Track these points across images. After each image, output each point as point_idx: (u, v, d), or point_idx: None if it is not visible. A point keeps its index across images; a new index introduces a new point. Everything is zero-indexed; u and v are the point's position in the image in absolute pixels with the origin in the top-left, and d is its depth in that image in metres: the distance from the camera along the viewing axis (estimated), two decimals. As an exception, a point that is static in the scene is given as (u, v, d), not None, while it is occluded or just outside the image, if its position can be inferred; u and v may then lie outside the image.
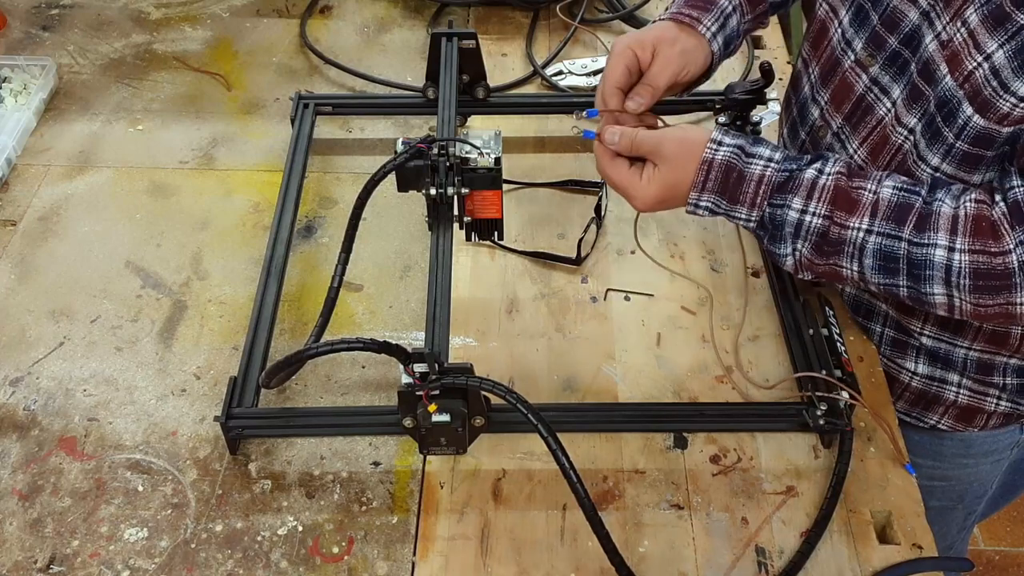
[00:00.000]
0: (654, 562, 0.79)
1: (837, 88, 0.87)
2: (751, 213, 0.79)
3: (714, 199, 0.79)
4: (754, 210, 0.79)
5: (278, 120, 1.21)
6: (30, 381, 0.92)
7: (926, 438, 0.97)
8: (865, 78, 0.84)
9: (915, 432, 0.97)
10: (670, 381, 0.93)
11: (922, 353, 0.92)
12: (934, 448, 0.98)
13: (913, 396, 0.96)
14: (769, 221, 0.79)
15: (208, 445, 0.87)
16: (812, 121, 0.91)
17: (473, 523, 0.82)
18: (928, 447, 0.98)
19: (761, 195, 0.78)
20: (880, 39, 0.82)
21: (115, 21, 1.37)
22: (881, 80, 0.83)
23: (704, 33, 0.88)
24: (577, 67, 1.27)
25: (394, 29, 1.37)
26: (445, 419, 0.80)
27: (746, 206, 0.79)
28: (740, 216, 0.79)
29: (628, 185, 0.82)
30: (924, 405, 0.96)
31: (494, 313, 0.98)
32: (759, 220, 0.79)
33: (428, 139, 0.90)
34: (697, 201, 0.80)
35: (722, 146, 0.78)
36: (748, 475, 0.85)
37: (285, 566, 0.79)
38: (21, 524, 0.81)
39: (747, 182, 0.78)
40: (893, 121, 0.82)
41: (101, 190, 1.12)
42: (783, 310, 0.96)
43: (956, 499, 1.06)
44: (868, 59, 0.83)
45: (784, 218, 0.78)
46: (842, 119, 0.87)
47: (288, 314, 0.98)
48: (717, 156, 0.78)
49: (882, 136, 0.83)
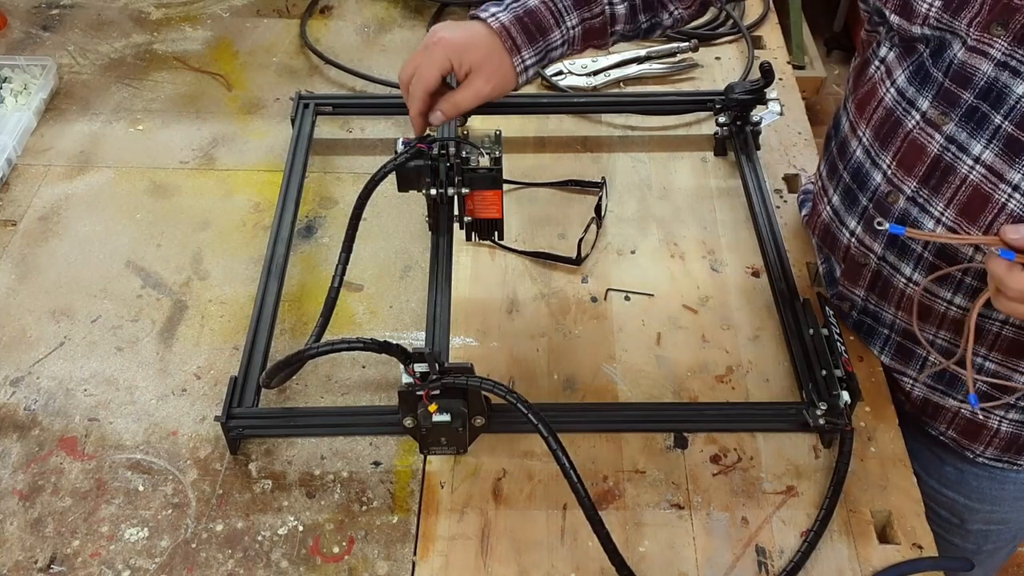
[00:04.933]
0: (654, 562, 0.79)
1: (905, 152, 0.81)
2: None
3: None
4: None
5: (278, 120, 1.21)
6: (30, 381, 0.92)
7: (986, 483, 0.95)
8: (939, 138, 0.78)
9: (973, 477, 0.95)
10: (670, 381, 0.93)
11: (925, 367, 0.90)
12: (994, 492, 0.96)
13: (917, 407, 0.93)
14: None
15: (208, 445, 0.87)
16: (875, 187, 0.85)
17: (473, 523, 0.82)
18: (988, 492, 0.96)
19: None
20: (952, 96, 0.76)
21: (115, 21, 1.37)
22: (958, 138, 0.77)
23: (517, 66, 0.87)
24: (577, 67, 1.27)
25: (394, 29, 1.37)
26: (445, 419, 0.80)
27: None
28: None
29: None
30: (930, 415, 0.93)
31: (494, 313, 0.98)
32: None
33: (428, 139, 0.90)
34: None
35: None
36: (748, 475, 0.85)
37: (285, 566, 0.79)
38: (21, 524, 0.81)
39: None
40: (984, 178, 0.76)
41: (101, 190, 1.12)
42: (783, 310, 0.96)
43: (1010, 540, 1.05)
44: (940, 118, 0.77)
45: None
46: (917, 183, 0.80)
47: (288, 314, 0.98)
48: None
49: (976, 196, 0.76)
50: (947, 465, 0.95)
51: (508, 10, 0.88)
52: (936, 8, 0.75)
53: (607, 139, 1.19)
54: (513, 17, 0.87)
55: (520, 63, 0.88)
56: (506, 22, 0.87)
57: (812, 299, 0.96)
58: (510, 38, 0.87)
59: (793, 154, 1.17)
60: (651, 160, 1.16)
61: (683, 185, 1.13)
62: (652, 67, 1.28)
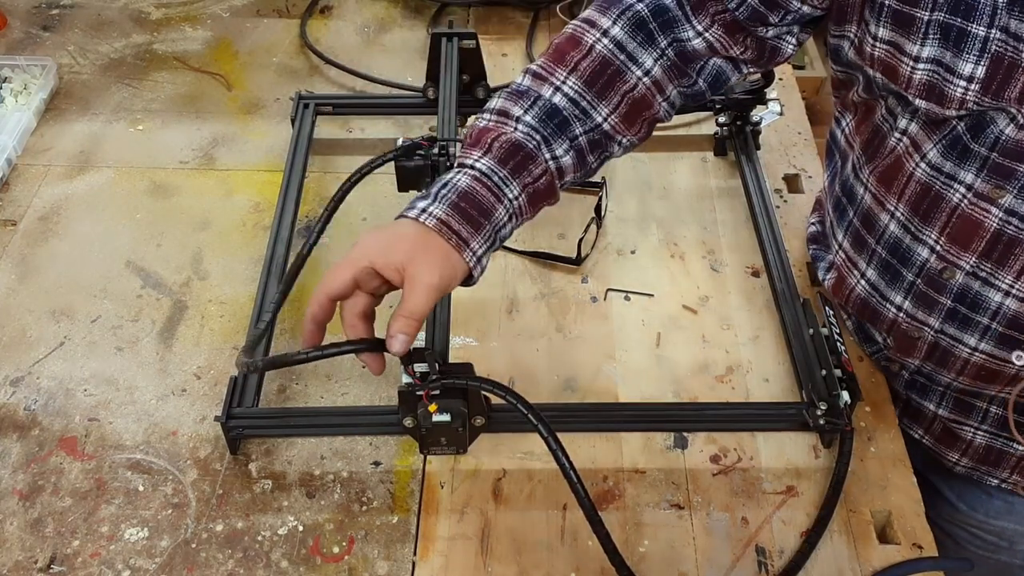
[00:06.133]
0: (654, 562, 0.79)
1: (957, 227, 0.77)
2: None
3: None
4: None
5: (278, 120, 1.21)
6: (30, 381, 0.92)
7: (1020, 506, 0.93)
8: (996, 211, 0.74)
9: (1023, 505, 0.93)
10: (670, 381, 0.93)
11: (988, 417, 0.88)
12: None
13: (979, 453, 0.90)
14: None
15: (208, 445, 0.87)
16: (922, 263, 0.80)
17: (473, 523, 0.82)
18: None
19: None
20: (1006, 169, 0.72)
21: (115, 21, 1.37)
22: (1020, 210, 0.73)
23: (469, 260, 0.72)
24: (577, 67, 1.27)
25: (394, 29, 1.37)
26: (445, 419, 0.80)
27: None
28: None
29: None
30: (991, 462, 0.90)
31: (494, 313, 0.98)
32: None
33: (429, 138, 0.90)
34: None
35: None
36: (748, 475, 0.85)
37: (285, 566, 0.79)
38: (21, 524, 0.81)
39: None
40: None
41: (101, 190, 1.12)
42: (783, 310, 0.96)
43: None
44: (995, 192, 0.73)
45: None
46: (976, 258, 0.77)
47: (288, 314, 0.98)
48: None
49: None
50: (995, 499, 0.94)
51: (439, 200, 0.72)
52: (974, 91, 0.70)
53: (607, 139, 1.19)
54: (448, 207, 0.72)
55: (472, 256, 0.73)
56: (442, 215, 0.71)
57: (812, 299, 0.96)
58: (453, 233, 0.71)
59: (793, 154, 1.17)
60: (651, 160, 1.16)
61: (683, 185, 1.13)
62: (652, 67, 1.28)
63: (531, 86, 0.80)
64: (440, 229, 0.71)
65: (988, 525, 0.96)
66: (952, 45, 0.70)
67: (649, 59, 0.80)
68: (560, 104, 0.78)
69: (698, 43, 0.80)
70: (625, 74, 0.79)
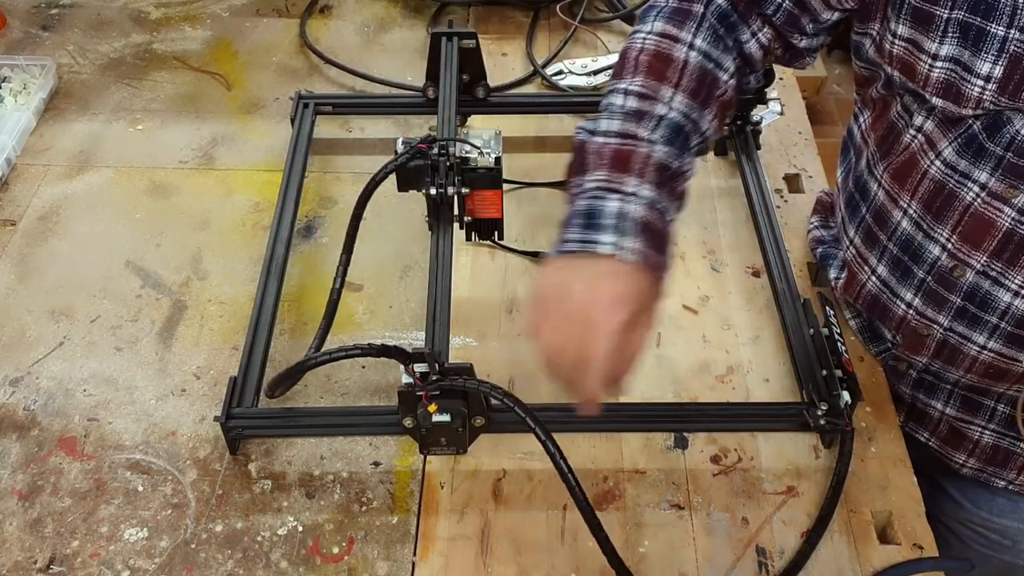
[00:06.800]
0: (654, 562, 0.79)
1: (969, 226, 0.77)
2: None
3: None
4: None
5: (278, 120, 1.21)
6: (30, 381, 0.92)
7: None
8: (1009, 211, 0.74)
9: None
10: (670, 381, 0.92)
11: (995, 416, 0.88)
12: None
13: (986, 453, 0.90)
14: None
15: (208, 445, 0.87)
16: (933, 260, 0.81)
17: (473, 523, 0.81)
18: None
19: None
20: (1020, 169, 0.72)
21: (115, 21, 1.37)
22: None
23: (662, 284, 0.75)
24: (577, 67, 1.27)
25: (394, 29, 1.37)
26: (445, 419, 0.80)
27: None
28: None
29: None
30: (998, 463, 0.90)
31: (494, 313, 0.98)
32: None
33: (428, 139, 0.90)
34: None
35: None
36: (748, 475, 0.85)
37: (285, 566, 0.79)
38: (21, 524, 0.81)
39: None
40: None
41: (101, 190, 1.12)
42: (783, 310, 0.96)
43: None
44: (1009, 191, 0.73)
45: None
46: (987, 257, 0.77)
47: (288, 314, 0.98)
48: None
49: None
50: (1000, 497, 0.94)
51: (627, 236, 0.72)
52: (991, 91, 0.70)
53: (607, 139, 1.19)
54: (642, 246, 0.72)
55: (664, 279, 0.75)
56: (639, 247, 0.72)
57: (812, 299, 0.96)
58: (652, 267, 0.72)
59: (793, 154, 1.17)
60: (651, 160, 1.16)
61: (683, 185, 1.13)
62: (652, 67, 1.28)
63: (642, 107, 0.80)
64: (643, 263, 0.72)
65: (992, 523, 0.95)
66: (971, 44, 0.70)
67: (731, 63, 0.83)
68: (678, 120, 0.79)
69: (753, 44, 0.84)
70: (717, 81, 0.82)
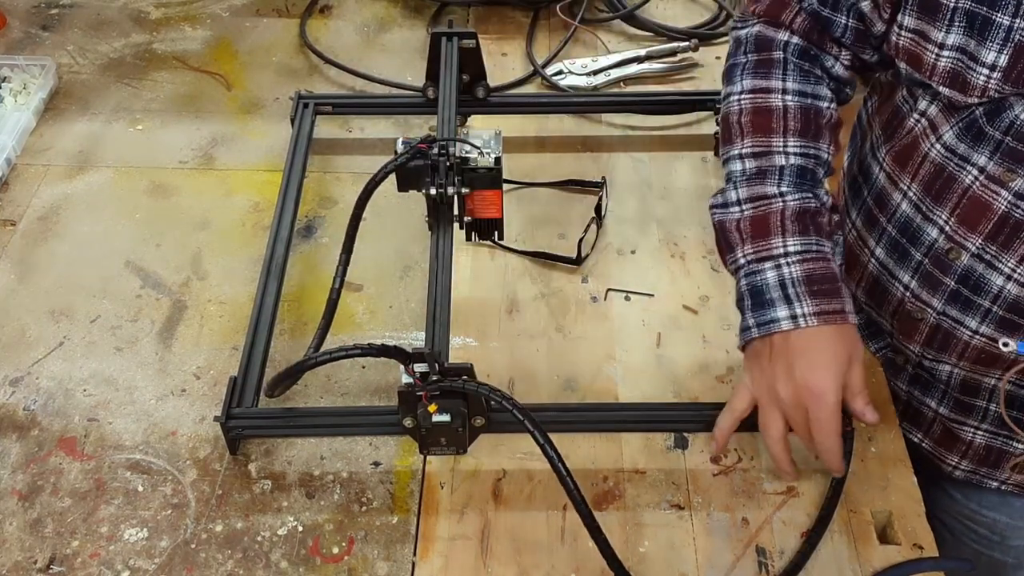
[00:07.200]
0: (654, 562, 0.79)
1: (967, 209, 0.78)
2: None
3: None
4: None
5: (278, 120, 1.21)
6: (30, 381, 0.92)
7: (1014, 500, 0.93)
8: (1006, 194, 0.75)
9: (1017, 499, 0.93)
10: (670, 381, 0.92)
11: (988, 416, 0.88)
12: None
13: (979, 455, 0.90)
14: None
15: (208, 445, 0.87)
16: (931, 243, 0.82)
17: (473, 523, 0.81)
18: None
19: None
20: (1018, 153, 0.74)
21: (115, 21, 1.37)
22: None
23: (854, 323, 0.79)
24: (577, 67, 1.27)
25: (394, 29, 1.37)
26: (445, 419, 0.80)
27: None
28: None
29: None
30: (991, 463, 0.91)
31: (494, 313, 0.98)
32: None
33: (428, 139, 0.90)
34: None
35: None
36: (749, 475, 0.85)
37: (285, 566, 0.79)
38: (21, 524, 0.81)
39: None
40: None
41: (101, 190, 1.12)
42: (783, 310, 0.96)
43: None
44: (1006, 175, 0.75)
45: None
46: (982, 240, 0.78)
47: (288, 314, 0.98)
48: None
49: None
50: (989, 489, 0.94)
51: (797, 302, 0.78)
52: (996, 80, 0.72)
53: (607, 139, 1.19)
54: (814, 306, 0.78)
55: (853, 317, 0.80)
56: (811, 310, 0.78)
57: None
58: (833, 317, 0.78)
59: (793, 154, 1.17)
60: (651, 160, 1.16)
61: (683, 185, 1.13)
62: (652, 67, 1.28)
63: (761, 165, 0.85)
64: (829, 320, 0.77)
65: (981, 516, 0.96)
66: (977, 33, 0.72)
67: (826, 90, 0.88)
68: (798, 163, 0.84)
69: (838, 67, 0.89)
70: (820, 111, 0.87)
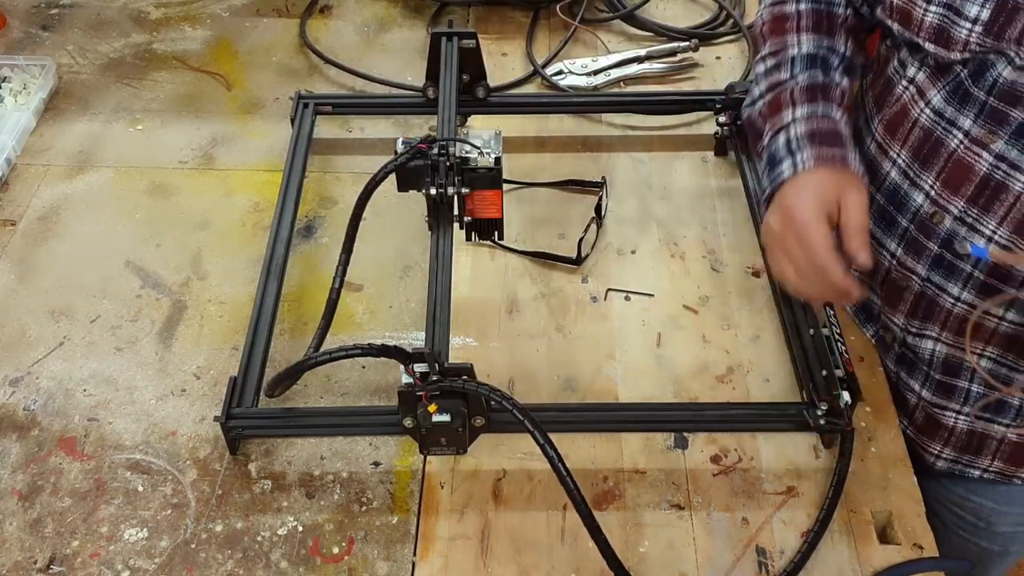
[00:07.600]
0: (654, 562, 0.79)
1: (950, 172, 0.80)
2: None
3: None
4: None
5: (278, 120, 1.21)
6: (30, 381, 0.92)
7: (1017, 489, 0.93)
8: (987, 156, 0.77)
9: (1004, 485, 0.93)
10: (670, 381, 0.93)
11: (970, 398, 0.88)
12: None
13: (961, 441, 0.91)
14: None
15: (208, 445, 0.87)
16: (917, 208, 0.84)
17: (473, 523, 0.81)
18: (1019, 496, 0.94)
19: None
20: (1000, 114, 0.75)
21: (115, 21, 1.37)
22: (1008, 156, 0.75)
23: (855, 168, 0.82)
24: (577, 67, 1.27)
25: (394, 29, 1.37)
26: (445, 419, 0.80)
27: None
28: None
29: None
30: (973, 450, 0.91)
31: (494, 313, 0.98)
32: None
33: (428, 139, 0.90)
34: None
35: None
36: (749, 475, 0.85)
37: (285, 566, 0.79)
38: (21, 524, 0.81)
39: None
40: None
41: (101, 190, 1.12)
42: (783, 310, 0.96)
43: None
44: (988, 136, 0.76)
45: None
46: (964, 202, 0.79)
47: (288, 314, 0.98)
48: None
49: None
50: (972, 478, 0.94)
51: (798, 152, 0.83)
52: (977, 33, 0.74)
53: (607, 139, 1.19)
54: (814, 151, 0.83)
55: (855, 163, 0.83)
56: (812, 154, 0.83)
57: (812, 299, 0.96)
58: (830, 160, 0.82)
59: (793, 154, 1.17)
60: (651, 160, 1.16)
61: (683, 185, 1.13)
62: (652, 67, 1.28)
63: (777, 60, 0.91)
64: (821, 163, 0.82)
65: (967, 502, 0.96)
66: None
67: (840, 9, 0.92)
68: (809, 51, 0.90)
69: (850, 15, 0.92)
70: (833, 13, 0.91)
